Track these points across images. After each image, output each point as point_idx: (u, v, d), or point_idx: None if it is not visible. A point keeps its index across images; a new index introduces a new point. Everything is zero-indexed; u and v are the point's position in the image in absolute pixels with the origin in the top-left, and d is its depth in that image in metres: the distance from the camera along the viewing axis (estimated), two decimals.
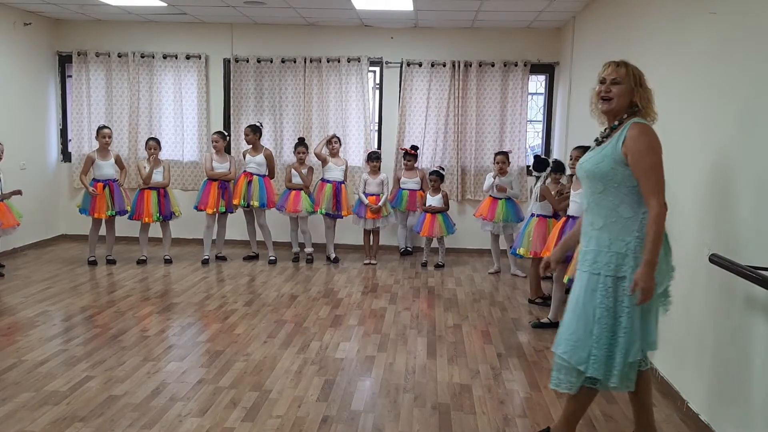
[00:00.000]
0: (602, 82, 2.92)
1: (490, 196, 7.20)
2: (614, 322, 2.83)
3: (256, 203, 7.34)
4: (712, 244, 3.31)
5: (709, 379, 3.45)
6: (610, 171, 2.84)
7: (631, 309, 2.81)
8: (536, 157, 6.37)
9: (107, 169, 7.08)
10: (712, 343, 3.42)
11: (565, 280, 4.92)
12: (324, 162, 7.52)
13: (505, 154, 7.25)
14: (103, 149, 7.10)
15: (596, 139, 3.02)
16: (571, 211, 5.15)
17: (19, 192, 6.57)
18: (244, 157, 7.49)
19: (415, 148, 7.91)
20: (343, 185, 7.52)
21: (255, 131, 7.46)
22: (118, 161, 7.25)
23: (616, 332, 2.83)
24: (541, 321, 5.36)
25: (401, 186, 7.87)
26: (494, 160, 7.30)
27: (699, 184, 3.65)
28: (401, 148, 8.01)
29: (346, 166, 7.62)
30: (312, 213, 7.50)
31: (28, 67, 7.91)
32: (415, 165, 7.88)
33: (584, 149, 6.01)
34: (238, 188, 7.40)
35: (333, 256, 7.71)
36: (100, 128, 7.15)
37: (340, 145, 7.66)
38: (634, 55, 4.84)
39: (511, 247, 6.72)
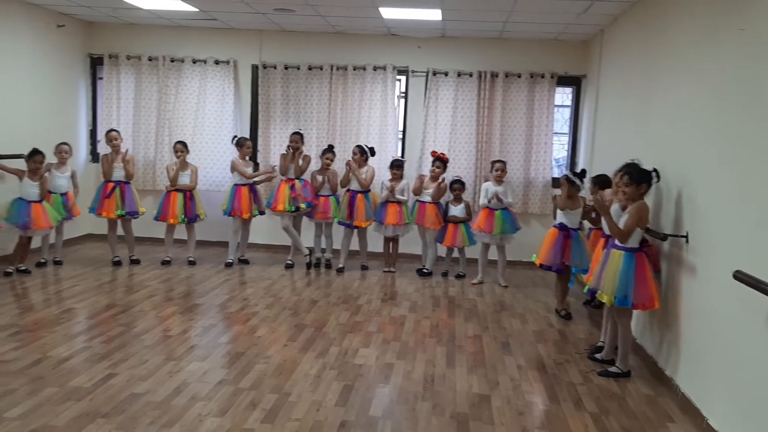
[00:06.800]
0: None
1: (487, 207, 7.04)
2: None
3: (303, 206, 7.34)
4: (738, 261, 3.27)
5: (729, 396, 3.41)
6: None
7: None
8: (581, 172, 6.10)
9: (117, 171, 7.18)
10: (733, 360, 3.38)
11: (585, 290, 4.88)
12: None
13: (504, 162, 7.19)
14: (114, 152, 7.22)
15: None
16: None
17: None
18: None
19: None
20: (359, 195, 7.43)
21: (303, 138, 7.55)
22: (126, 164, 7.21)
23: None
24: (609, 370, 4.50)
25: (415, 197, 7.52)
26: (492, 167, 7.18)
27: (725, 200, 3.63)
28: (432, 153, 7.56)
29: (373, 172, 7.59)
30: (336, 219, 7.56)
31: (60, 69, 8.06)
32: (443, 174, 7.36)
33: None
34: (280, 194, 7.35)
35: (341, 265, 7.55)
36: (108, 132, 7.30)
37: (362, 156, 7.49)
38: (661, 70, 4.84)
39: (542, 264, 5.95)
